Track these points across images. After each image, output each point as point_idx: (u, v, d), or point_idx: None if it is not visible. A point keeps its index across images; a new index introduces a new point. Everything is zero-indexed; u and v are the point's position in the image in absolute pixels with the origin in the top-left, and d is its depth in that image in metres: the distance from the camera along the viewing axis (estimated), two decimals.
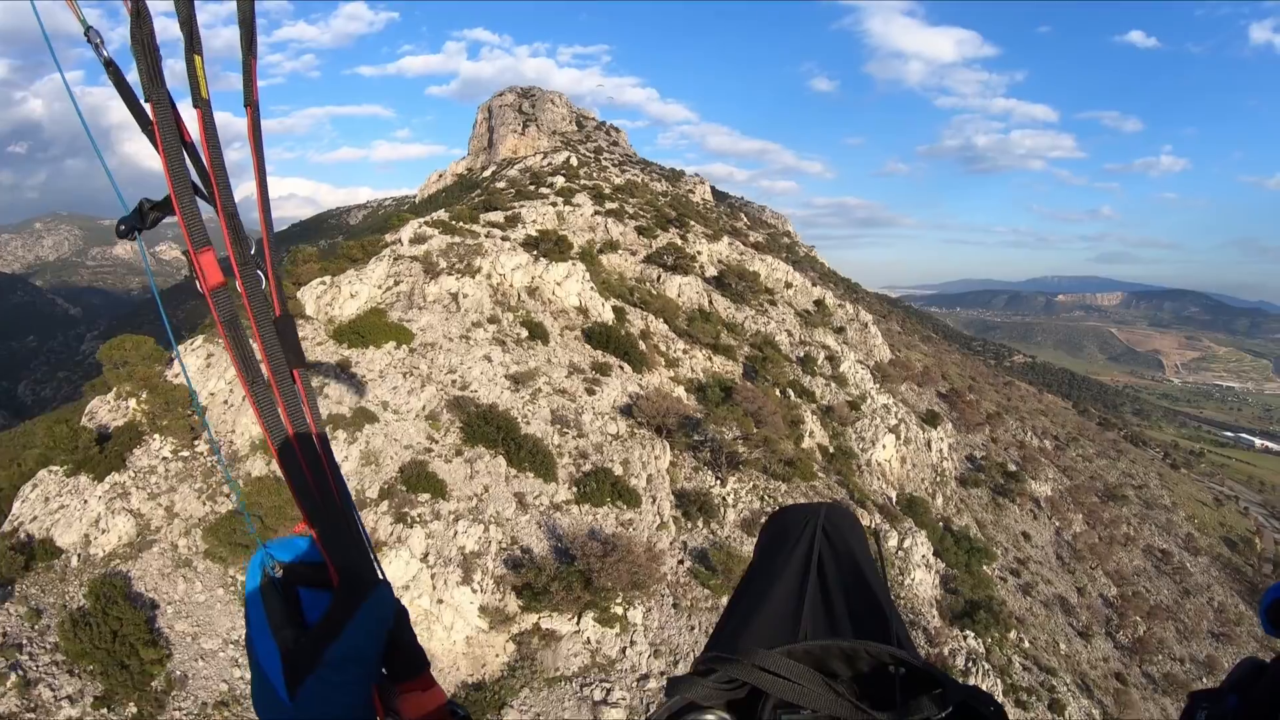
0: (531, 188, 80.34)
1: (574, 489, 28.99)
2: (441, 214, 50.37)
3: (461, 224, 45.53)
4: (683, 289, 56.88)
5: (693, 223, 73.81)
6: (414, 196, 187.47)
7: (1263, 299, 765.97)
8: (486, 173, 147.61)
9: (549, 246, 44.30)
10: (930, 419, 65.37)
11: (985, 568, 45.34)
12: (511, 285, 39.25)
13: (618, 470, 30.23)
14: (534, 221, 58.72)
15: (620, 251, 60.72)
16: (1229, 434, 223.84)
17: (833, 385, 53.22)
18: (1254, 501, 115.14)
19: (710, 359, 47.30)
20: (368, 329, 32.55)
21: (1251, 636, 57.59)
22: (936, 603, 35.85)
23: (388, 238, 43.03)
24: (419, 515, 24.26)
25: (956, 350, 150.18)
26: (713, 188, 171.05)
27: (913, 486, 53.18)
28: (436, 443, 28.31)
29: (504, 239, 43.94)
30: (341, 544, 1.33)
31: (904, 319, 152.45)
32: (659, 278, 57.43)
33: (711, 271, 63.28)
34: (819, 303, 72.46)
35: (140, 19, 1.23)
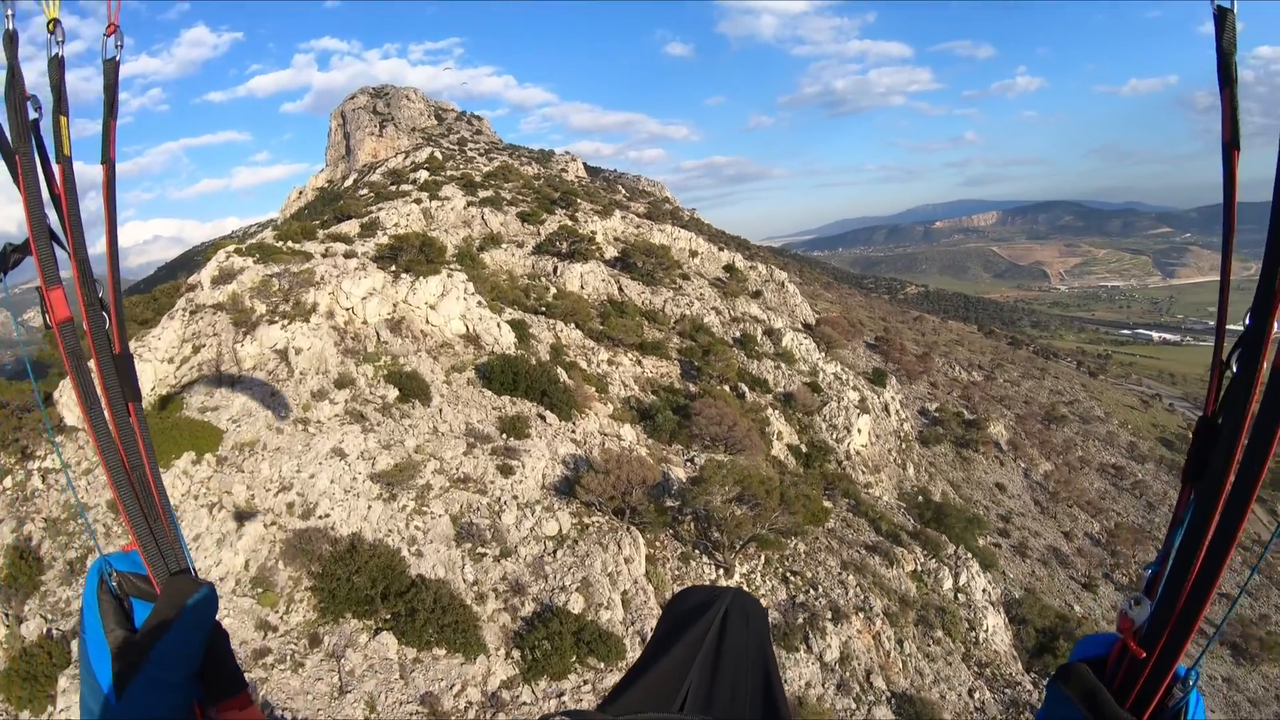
0: (393, 188, 67.04)
1: (516, 657, 16.94)
2: (266, 235, 36.71)
3: (290, 245, 32.16)
4: (586, 279, 46.01)
5: (580, 201, 62.74)
6: (277, 220, 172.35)
7: (1130, 200, 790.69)
8: (348, 182, 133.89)
9: (413, 256, 31.96)
10: (877, 378, 56.99)
11: (980, 540, 39.44)
12: (365, 321, 26.90)
13: (576, 602, 18.37)
14: (395, 225, 47.33)
15: (505, 245, 49.08)
16: (1125, 332, 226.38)
17: (782, 366, 43.17)
18: (1175, 397, 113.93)
19: (639, 363, 36.75)
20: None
21: None
22: (1014, 649, 26.80)
23: (191, 280, 29.37)
24: None
25: (857, 292, 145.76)
26: (585, 164, 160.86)
27: (884, 462, 44.90)
28: (275, 629, 16.33)
29: (349, 255, 31.24)
30: (163, 554, 1.42)
31: (801, 269, 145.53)
32: (556, 270, 46.47)
33: (612, 252, 52.55)
34: (730, 268, 62.52)
35: (14, 80, 1.35)
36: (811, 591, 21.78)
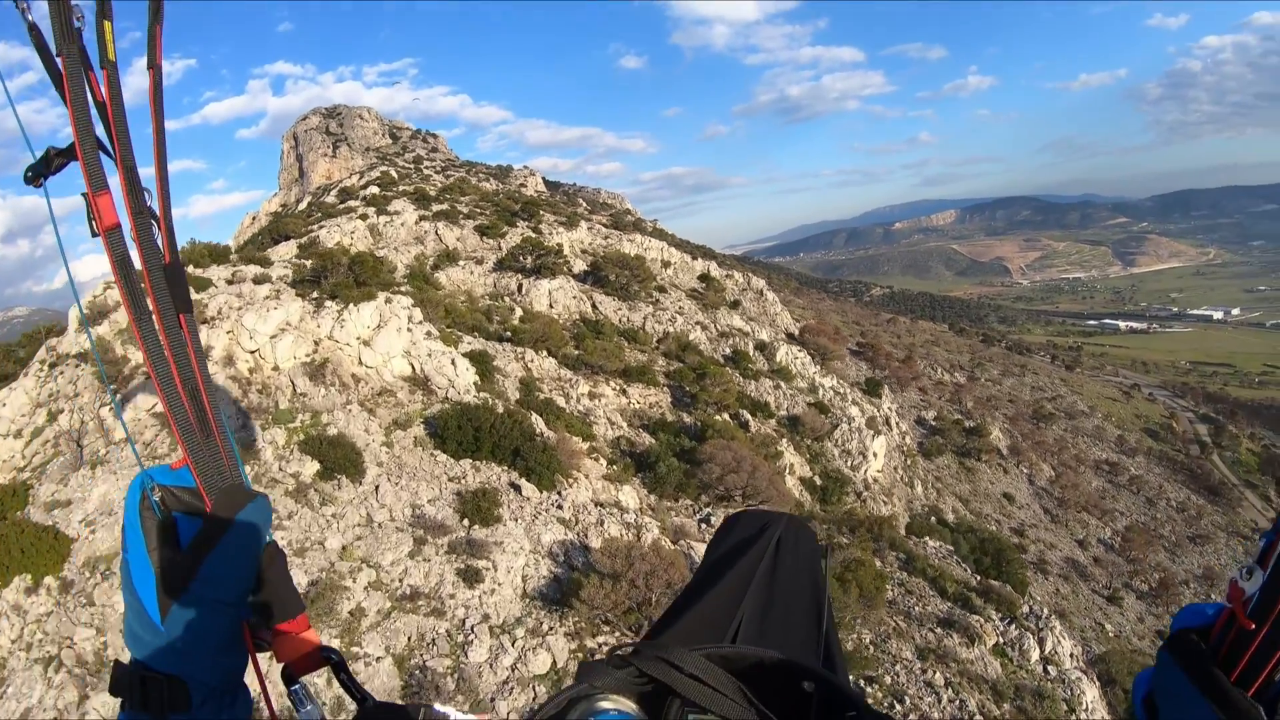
0: (341, 205, 60.47)
1: None
2: None
3: (190, 271, 22.91)
4: (555, 297, 39.96)
5: (543, 212, 56.67)
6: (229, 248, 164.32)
7: (1087, 192, 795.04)
8: (302, 205, 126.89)
9: (341, 278, 24.70)
10: (871, 388, 51.56)
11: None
12: (277, 367, 19.80)
13: None
14: (336, 244, 41.15)
15: (462, 262, 42.86)
16: (1092, 323, 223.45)
17: (781, 385, 37.40)
18: (1153, 385, 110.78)
19: (624, 393, 30.76)
20: None
21: (1215, 526, 56.67)
22: None
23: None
24: None
25: (826, 296, 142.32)
26: (544, 178, 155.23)
27: (893, 482, 39.49)
28: None
29: (260, 280, 23.69)
30: (216, 468, 1.31)
31: (769, 276, 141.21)
32: (521, 288, 40.40)
33: (581, 266, 46.63)
34: (706, 278, 56.69)
35: None
36: (898, 706, 15.68)
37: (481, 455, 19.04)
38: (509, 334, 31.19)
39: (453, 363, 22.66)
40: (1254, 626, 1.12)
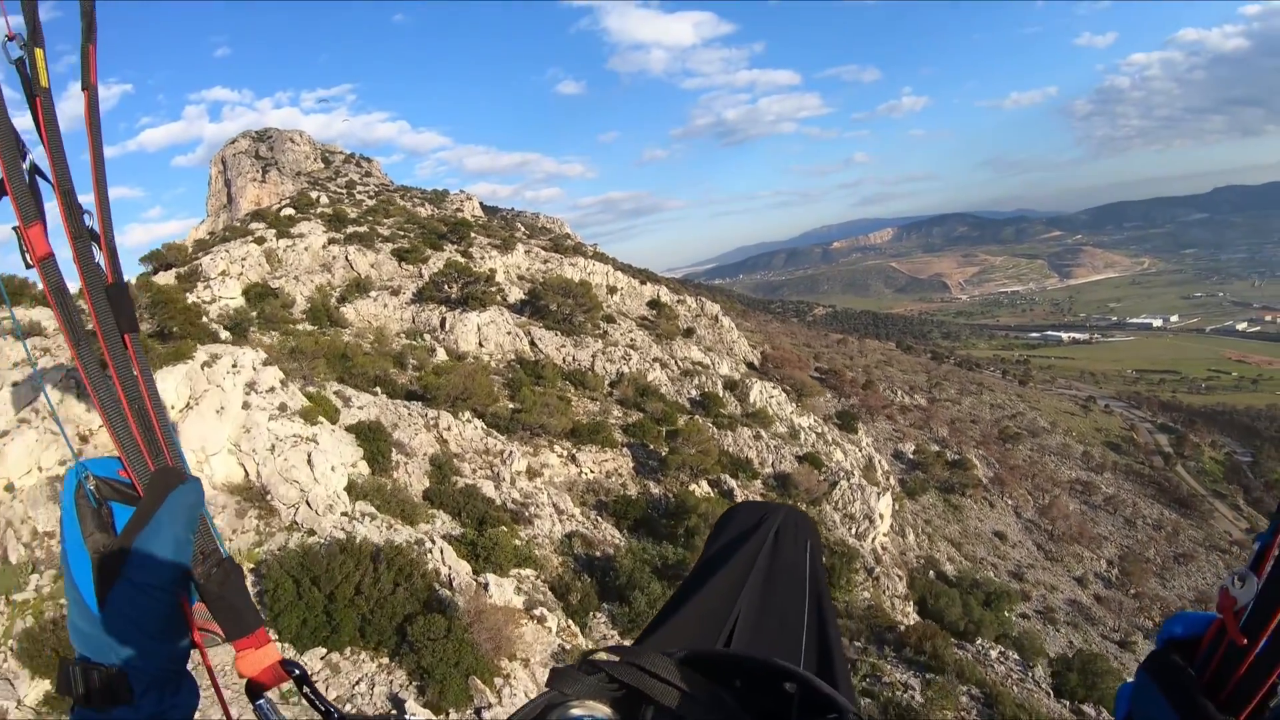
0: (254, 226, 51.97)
1: None
2: None
3: None
4: (486, 333, 32.37)
5: (474, 235, 48.98)
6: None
7: (1020, 208, 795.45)
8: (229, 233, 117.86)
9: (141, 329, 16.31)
10: (847, 423, 44.96)
11: (1008, 613, 33.16)
12: (9, 486, 11.12)
13: None
14: (222, 274, 33.17)
15: (375, 294, 34.91)
16: (1035, 335, 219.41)
17: (761, 434, 30.29)
18: (1107, 397, 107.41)
19: (573, 459, 23.37)
20: None
21: (1193, 543, 54.14)
22: None
23: None
24: None
25: (774, 319, 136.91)
26: (481, 203, 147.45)
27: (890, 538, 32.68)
28: None
29: (30, 333, 15.26)
30: (153, 455, 1.27)
31: (713, 298, 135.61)
32: (444, 323, 32.80)
33: (518, 294, 39.20)
34: (655, 304, 49.70)
35: None
36: None
37: (341, 642, 10.84)
38: (422, 388, 23.44)
39: (309, 460, 14.11)
40: (1245, 642, 0.99)
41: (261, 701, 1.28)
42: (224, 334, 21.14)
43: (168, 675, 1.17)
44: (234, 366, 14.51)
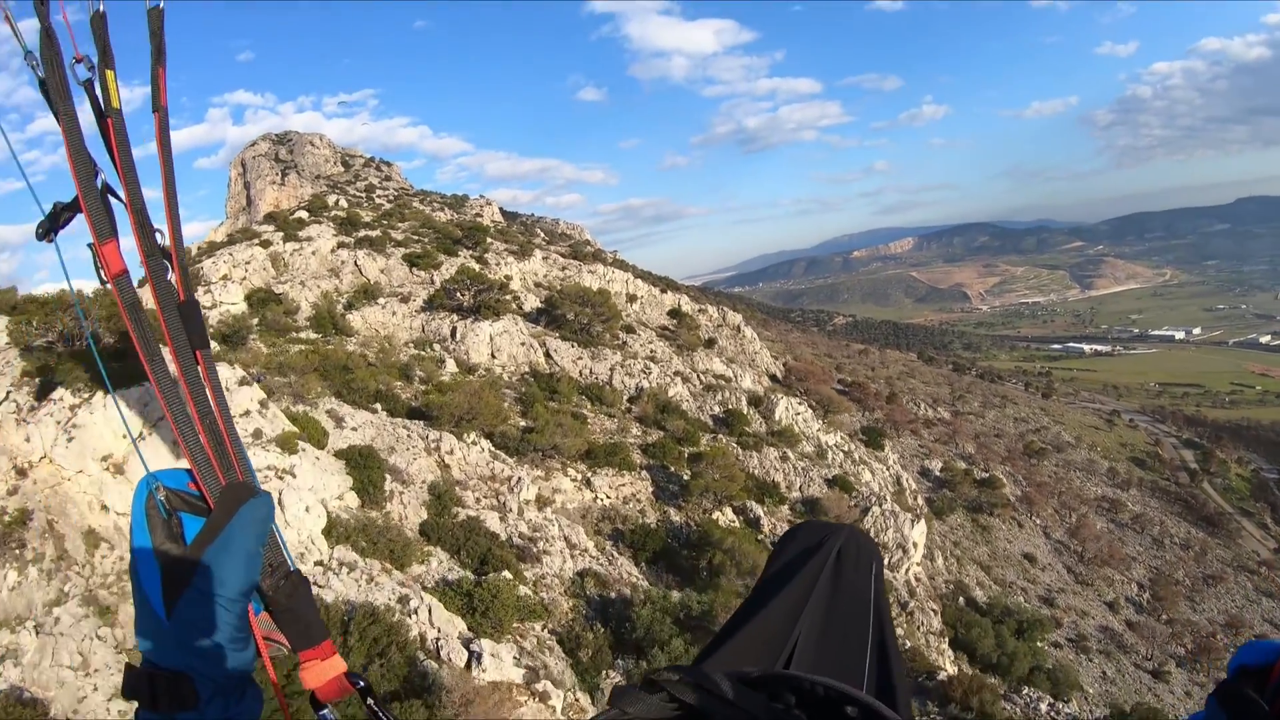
0: (263, 229, 50.43)
1: None
2: None
3: None
4: (499, 343, 30.61)
5: (490, 240, 47.27)
6: None
7: (1041, 218, 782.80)
8: None
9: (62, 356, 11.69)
10: (873, 439, 43.01)
11: (1041, 642, 31.72)
12: None
13: None
14: (223, 278, 31.58)
15: (384, 300, 33.14)
16: (1057, 347, 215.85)
17: (788, 454, 28.35)
18: (1131, 410, 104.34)
19: (588, 484, 21.56)
20: None
21: (1222, 563, 51.76)
22: None
23: None
24: None
25: (794, 328, 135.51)
26: (501, 208, 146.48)
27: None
28: None
29: None
30: (222, 470, 1.26)
31: (734, 306, 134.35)
32: (455, 333, 31.14)
33: (534, 303, 37.43)
34: (676, 313, 47.86)
35: (50, 39, 1.26)
36: None
37: None
38: (424, 405, 21.55)
39: (278, 500, 11.79)
40: None
41: (325, 711, 1.29)
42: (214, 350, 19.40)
43: (233, 683, 1.17)
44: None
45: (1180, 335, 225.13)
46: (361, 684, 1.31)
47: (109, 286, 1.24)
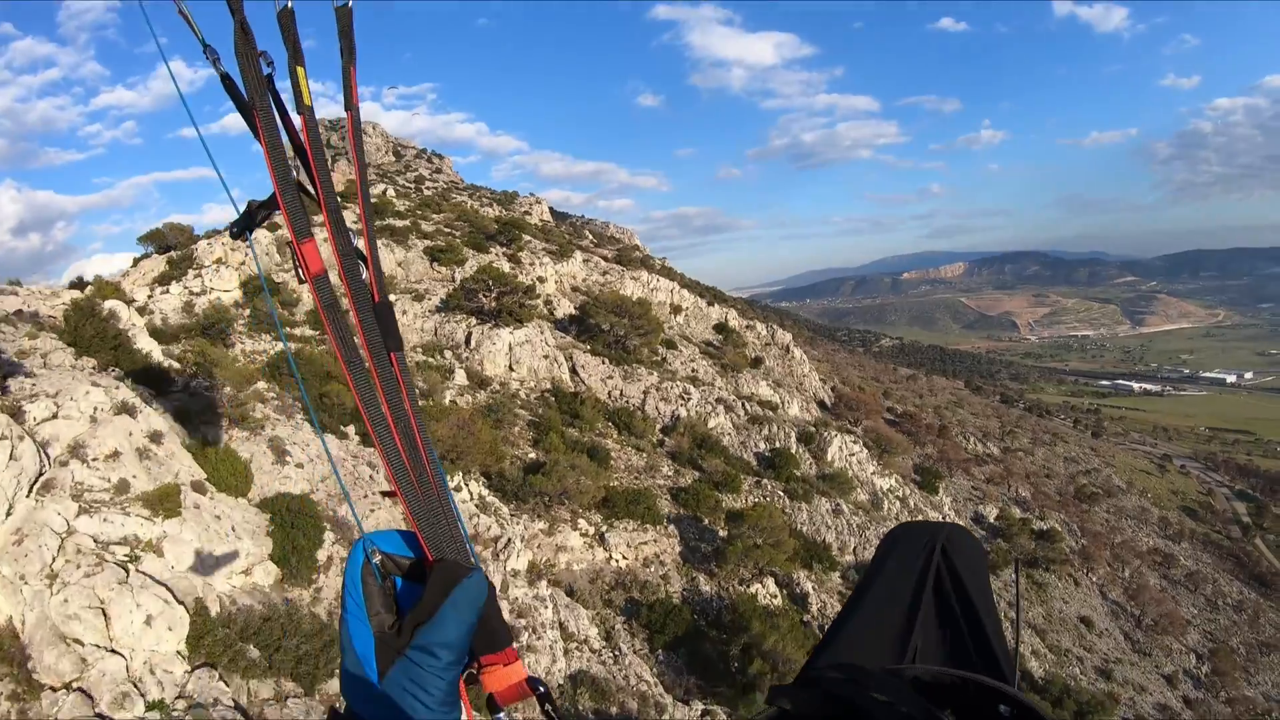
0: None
1: None
2: None
3: None
4: (518, 354, 26.69)
5: (527, 237, 43.37)
6: None
7: (1095, 249, 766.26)
8: None
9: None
10: (927, 483, 38.59)
11: None
12: None
13: None
14: (218, 261, 27.93)
15: (396, 297, 29.48)
16: (1105, 383, 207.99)
17: (841, 505, 23.96)
18: (1184, 456, 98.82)
19: (600, 542, 17.50)
20: None
21: (1275, 628, 48.02)
22: None
23: None
24: None
25: (840, 348, 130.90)
26: (551, 208, 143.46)
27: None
28: None
29: None
30: (436, 531, 1.25)
31: (780, 322, 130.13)
32: (470, 339, 27.31)
33: (567, 308, 33.36)
34: (722, 328, 43.69)
35: (245, 35, 1.25)
36: None
37: None
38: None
39: (110, 601, 7.29)
40: None
41: (501, 715, 1.29)
42: (156, 353, 15.46)
43: None
44: (39, 420, 8.65)
45: (1231, 379, 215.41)
46: (542, 689, 1.27)
47: (309, 284, 1.21)
